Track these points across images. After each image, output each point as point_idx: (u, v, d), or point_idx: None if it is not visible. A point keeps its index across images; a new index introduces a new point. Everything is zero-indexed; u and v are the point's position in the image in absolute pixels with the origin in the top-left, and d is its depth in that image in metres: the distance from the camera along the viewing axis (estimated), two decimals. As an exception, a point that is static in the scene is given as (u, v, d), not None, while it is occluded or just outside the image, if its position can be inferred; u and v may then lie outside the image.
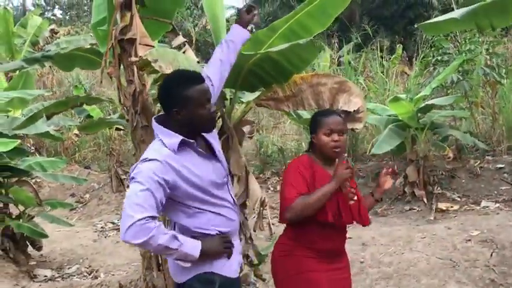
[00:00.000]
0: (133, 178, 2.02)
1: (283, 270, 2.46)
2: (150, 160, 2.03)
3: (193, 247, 2.06)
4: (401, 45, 13.28)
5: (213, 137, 2.30)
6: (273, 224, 3.49)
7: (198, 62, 3.33)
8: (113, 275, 5.18)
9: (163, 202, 2.03)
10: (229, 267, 2.19)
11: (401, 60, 12.30)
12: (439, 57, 6.71)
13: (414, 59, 8.79)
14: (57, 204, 5.76)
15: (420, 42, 9.63)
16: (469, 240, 4.64)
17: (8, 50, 10.25)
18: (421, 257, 4.44)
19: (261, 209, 3.44)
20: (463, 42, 6.88)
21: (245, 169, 3.42)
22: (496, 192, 6.32)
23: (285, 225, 2.55)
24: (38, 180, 8.78)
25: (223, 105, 3.38)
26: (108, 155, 8.83)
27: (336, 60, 11.91)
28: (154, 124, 2.17)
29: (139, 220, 1.92)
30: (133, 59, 2.57)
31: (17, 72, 9.17)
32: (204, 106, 2.11)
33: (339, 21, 12.12)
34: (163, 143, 2.08)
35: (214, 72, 2.46)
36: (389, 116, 6.26)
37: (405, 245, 4.74)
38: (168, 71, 2.42)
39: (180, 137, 2.08)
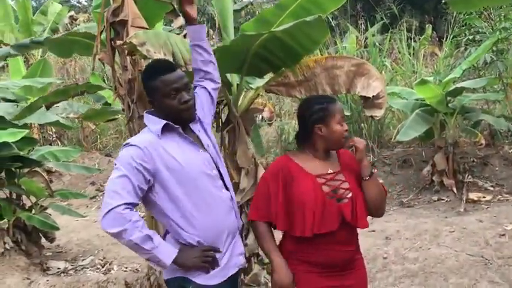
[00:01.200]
0: (115, 164, 2.01)
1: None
2: (130, 145, 2.00)
3: (167, 254, 1.98)
4: (431, 25, 12.71)
5: (202, 130, 2.22)
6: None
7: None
8: (126, 268, 5.03)
9: (144, 188, 1.98)
10: (206, 275, 2.05)
11: (431, 40, 11.77)
12: (471, 37, 6.25)
13: (445, 40, 8.29)
14: (69, 195, 5.62)
15: (452, 21, 9.11)
16: (503, 235, 4.29)
17: (28, 37, 10.17)
18: (449, 253, 4.12)
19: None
20: (498, 19, 6.40)
21: (254, 161, 3.15)
22: (533, 181, 5.90)
23: None
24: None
25: (228, 93, 3.11)
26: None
27: (363, 42, 11.48)
28: (144, 115, 2.17)
29: (116, 207, 1.90)
30: (118, 42, 2.31)
31: (37, 58, 9.18)
32: (170, 96, 2.04)
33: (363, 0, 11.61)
34: (150, 129, 2.08)
35: (197, 81, 2.36)
36: (417, 100, 5.87)
37: (432, 240, 4.42)
38: (158, 55, 2.17)
39: (164, 121, 2.06)
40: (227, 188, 2.17)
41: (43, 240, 5.44)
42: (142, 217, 2.04)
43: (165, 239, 2.09)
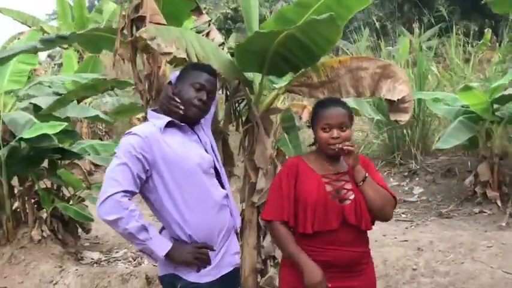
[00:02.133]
0: (115, 152, 2.04)
1: (284, 284, 2.19)
2: (132, 134, 2.03)
3: (160, 247, 1.97)
4: (490, 30, 12.17)
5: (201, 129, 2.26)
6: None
7: (223, 44, 3.05)
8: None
9: (142, 178, 2.00)
10: (197, 273, 2.04)
11: (490, 45, 11.30)
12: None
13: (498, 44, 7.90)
14: (106, 188, 5.77)
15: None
16: (545, 253, 4.01)
17: (83, 35, 10.57)
18: (483, 269, 3.89)
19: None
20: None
21: (273, 162, 3.10)
22: None
23: None
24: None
25: (250, 92, 3.08)
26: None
27: (418, 46, 11.16)
28: (148, 111, 2.26)
29: (113, 194, 1.91)
30: (129, 38, 2.34)
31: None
32: (193, 87, 2.11)
33: (413, 3, 11.27)
34: (153, 123, 2.11)
35: None
36: (462, 106, 5.59)
37: (467, 254, 4.19)
38: (169, 49, 2.17)
39: (169, 118, 2.10)
40: (223, 187, 2.18)
41: (80, 230, 5.63)
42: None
43: (161, 234, 2.09)
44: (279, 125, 7.53)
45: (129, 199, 1.95)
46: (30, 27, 10.94)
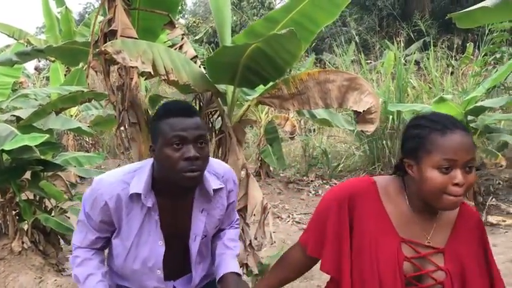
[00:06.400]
0: None
1: None
2: (97, 195, 1.75)
3: None
4: (472, 43, 12.48)
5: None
6: (274, 232, 3.23)
7: (196, 57, 3.14)
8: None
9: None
10: None
11: (472, 59, 11.60)
12: (498, 56, 6.08)
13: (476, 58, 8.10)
14: (88, 200, 5.80)
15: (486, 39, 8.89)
16: (515, 260, 4.10)
17: (70, 48, 10.63)
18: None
19: (263, 215, 3.17)
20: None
21: (246, 172, 3.18)
22: (560, 206, 5.61)
23: None
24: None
25: (223, 103, 3.18)
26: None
27: (403, 59, 11.40)
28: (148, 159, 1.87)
29: None
30: (97, 51, 2.42)
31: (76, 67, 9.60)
32: (172, 146, 1.58)
33: (393, 18, 11.52)
34: (132, 183, 1.70)
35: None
36: (438, 118, 5.72)
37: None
38: (134, 63, 2.24)
39: (132, 192, 1.67)
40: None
41: (63, 242, 5.65)
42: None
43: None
44: (262, 137, 7.64)
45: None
46: (17, 40, 10.97)
